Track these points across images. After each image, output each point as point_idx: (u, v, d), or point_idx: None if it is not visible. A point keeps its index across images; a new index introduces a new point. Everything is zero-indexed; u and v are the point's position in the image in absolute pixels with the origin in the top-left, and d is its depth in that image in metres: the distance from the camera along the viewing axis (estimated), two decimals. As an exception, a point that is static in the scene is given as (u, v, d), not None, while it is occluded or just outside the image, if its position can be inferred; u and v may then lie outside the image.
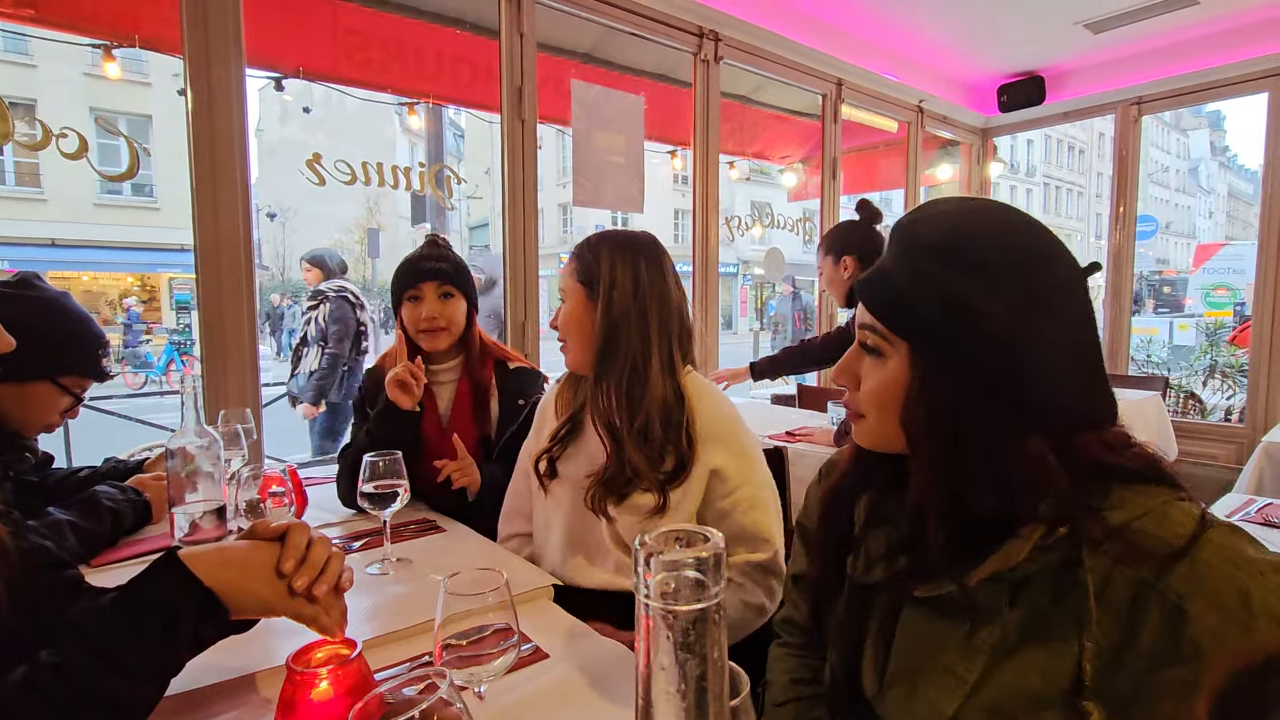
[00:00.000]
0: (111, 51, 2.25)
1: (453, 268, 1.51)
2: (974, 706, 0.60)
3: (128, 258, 15.76)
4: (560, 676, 0.82)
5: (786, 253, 7.69)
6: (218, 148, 1.82)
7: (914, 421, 0.63)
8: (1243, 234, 38.55)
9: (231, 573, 0.67)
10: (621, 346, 1.11)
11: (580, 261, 1.17)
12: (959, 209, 0.65)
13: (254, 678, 0.80)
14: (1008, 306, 0.58)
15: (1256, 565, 0.52)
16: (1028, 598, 0.59)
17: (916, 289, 0.62)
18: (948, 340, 0.60)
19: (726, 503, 1.12)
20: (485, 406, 1.53)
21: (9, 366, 0.84)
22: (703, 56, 3.02)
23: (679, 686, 0.25)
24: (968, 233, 0.62)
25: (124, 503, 1.22)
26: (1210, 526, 0.55)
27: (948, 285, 0.60)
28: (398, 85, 2.81)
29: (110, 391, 6.43)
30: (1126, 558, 0.54)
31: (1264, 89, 3.52)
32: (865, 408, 0.68)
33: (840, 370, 0.70)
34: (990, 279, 0.59)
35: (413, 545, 1.25)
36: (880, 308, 0.65)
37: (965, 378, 0.60)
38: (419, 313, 1.48)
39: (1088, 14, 3.39)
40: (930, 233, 0.63)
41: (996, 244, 0.60)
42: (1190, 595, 0.51)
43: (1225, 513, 1.55)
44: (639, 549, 0.26)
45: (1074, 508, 0.57)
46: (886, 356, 0.65)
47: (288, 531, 0.70)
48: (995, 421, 0.59)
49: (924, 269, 0.61)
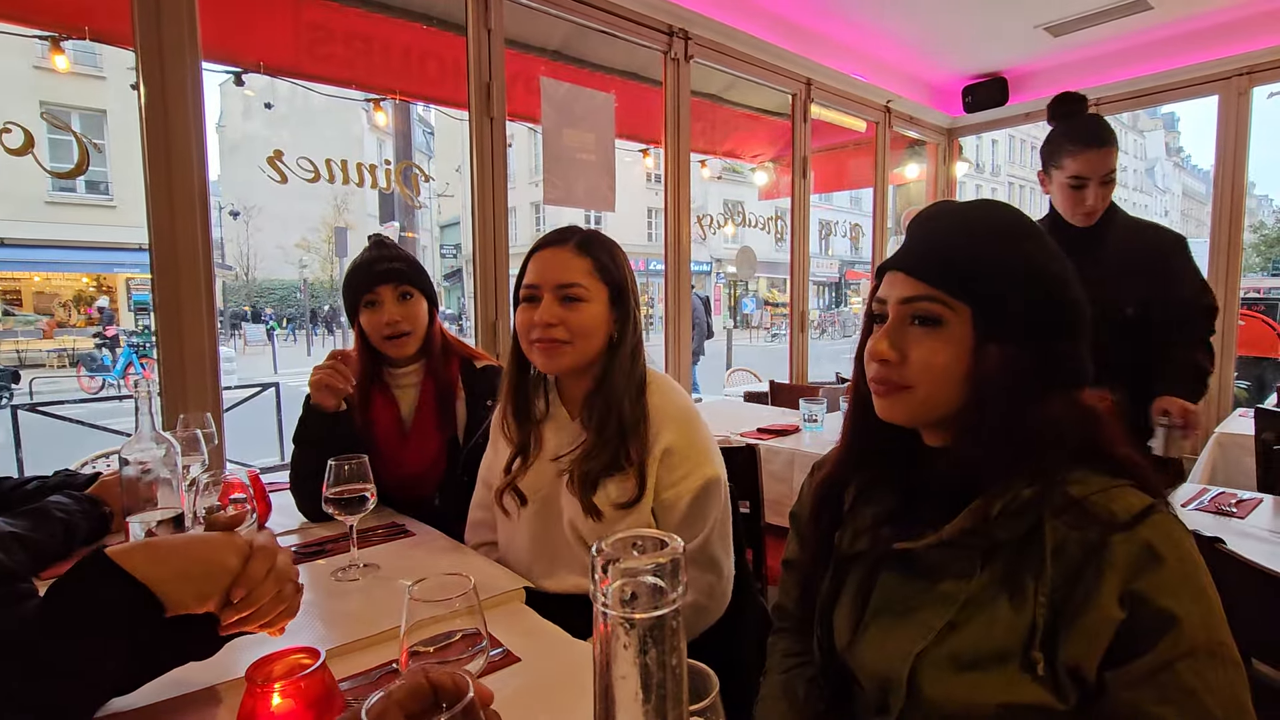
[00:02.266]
0: (60, 44, 2.16)
1: (408, 266, 1.45)
2: (940, 652, 0.66)
3: (83, 257, 15.22)
4: (532, 680, 0.81)
5: (758, 251, 7.76)
6: (173, 143, 1.77)
7: (984, 381, 0.67)
8: (1196, 232, 39.90)
9: (165, 568, 0.64)
10: (635, 355, 1.15)
11: (599, 261, 1.13)
12: (981, 202, 0.75)
13: (215, 690, 0.77)
14: (1062, 269, 0.69)
15: (1179, 535, 0.61)
16: (997, 562, 0.65)
17: (986, 256, 0.68)
18: (1021, 299, 0.66)
19: (670, 494, 1.11)
20: (451, 409, 1.49)
21: None
22: (673, 55, 3.02)
23: (637, 694, 0.24)
24: (1007, 213, 0.72)
25: (77, 513, 1.17)
26: (1158, 512, 0.62)
27: (1015, 251, 0.68)
28: (363, 81, 2.75)
29: (66, 396, 6.20)
30: (1080, 524, 0.62)
31: (1214, 92, 3.64)
32: (916, 378, 0.70)
33: (884, 346, 0.71)
34: (1039, 248, 0.69)
35: (381, 550, 1.23)
36: (944, 277, 0.69)
37: (1030, 333, 0.66)
38: (379, 318, 1.42)
39: (1047, 18, 3.48)
40: (978, 214, 0.72)
41: (1032, 224, 0.72)
42: (1119, 554, 0.59)
43: (1180, 502, 1.61)
44: (595, 555, 0.25)
45: (1048, 476, 0.64)
46: (945, 324, 0.68)
47: (251, 556, 0.68)
48: (1044, 379, 0.67)
49: (986, 240, 0.69)
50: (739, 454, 1.73)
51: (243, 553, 0.68)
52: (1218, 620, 0.58)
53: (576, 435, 1.15)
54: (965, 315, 0.67)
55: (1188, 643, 0.56)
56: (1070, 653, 0.60)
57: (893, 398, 0.72)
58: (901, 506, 0.75)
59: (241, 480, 1.11)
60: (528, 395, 1.21)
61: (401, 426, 1.48)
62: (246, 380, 7.15)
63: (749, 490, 1.76)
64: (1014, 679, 0.61)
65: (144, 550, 0.64)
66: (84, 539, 1.19)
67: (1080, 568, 0.60)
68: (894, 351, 0.70)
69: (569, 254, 1.12)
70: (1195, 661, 0.56)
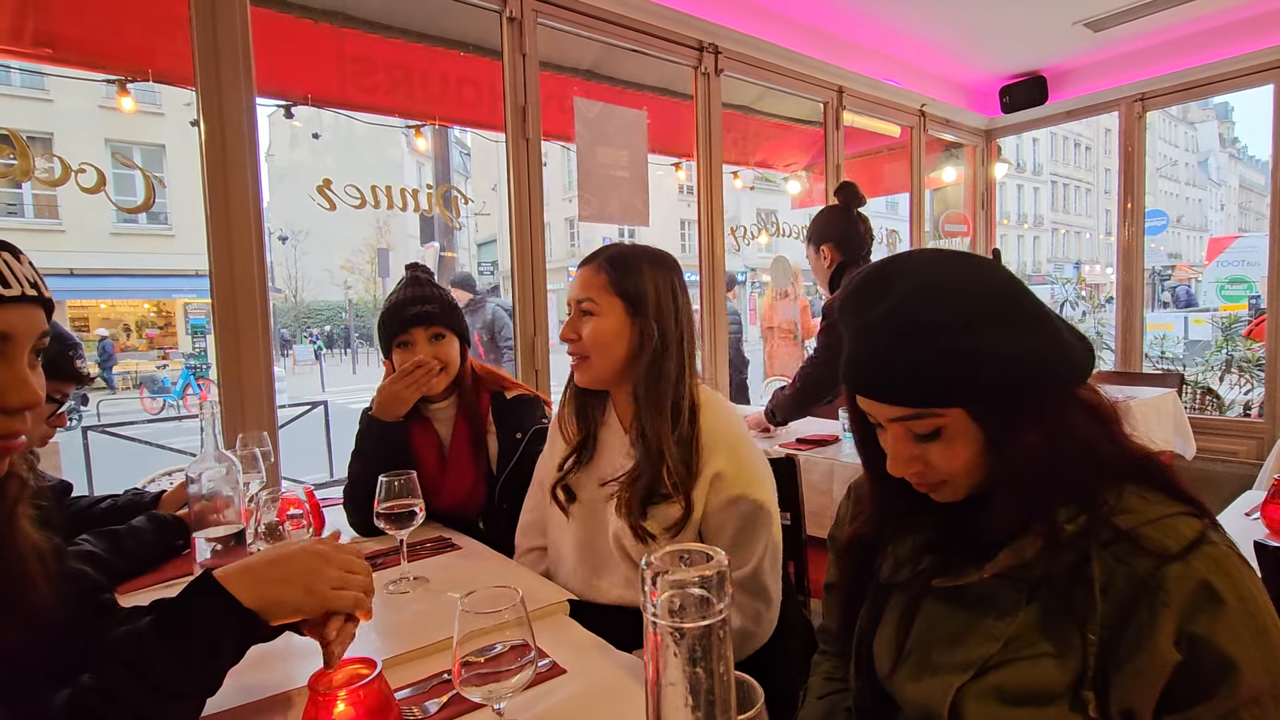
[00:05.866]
0: (126, 86, 2.31)
1: (440, 308, 1.47)
2: (983, 686, 0.64)
3: (144, 285, 16.03)
4: (578, 691, 0.83)
5: (792, 259, 7.70)
6: (230, 175, 1.86)
7: (1012, 460, 0.64)
8: (1256, 226, 38.06)
9: (268, 589, 0.69)
10: (668, 365, 1.13)
11: (618, 275, 1.15)
12: (924, 274, 0.67)
13: (276, 699, 0.81)
14: (1036, 340, 0.64)
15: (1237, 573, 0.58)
16: (1043, 597, 0.63)
17: (953, 364, 0.63)
18: (1007, 389, 0.63)
19: (719, 519, 1.11)
20: (483, 442, 1.51)
21: None
22: (703, 70, 3.05)
23: (687, 700, 0.26)
24: (958, 293, 0.65)
25: (149, 539, 1.23)
26: (1208, 542, 0.59)
27: (981, 347, 0.63)
28: (404, 108, 2.85)
29: (129, 417, 6.52)
30: (1129, 557, 0.59)
31: (1269, 81, 3.50)
32: (946, 475, 0.68)
33: (901, 465, 0.69)
34: (1007, 324, 0.64)
35: (429, 563, 1.27)
36: (920, 396, 0.65)
37: (1038, 408, 0.64)
38: (411, 359, 1.45)
39: (1087, 13, 3.39)
40: (925, 307, 0.65)
41: (988, 293, 0.65)
42: (1174, 593, 0.56)
43: (1245, 510, 1.53)
44: (645, 569, 0.27)
45: (1092, 501, 0.62)
46: (946, 429, 0.66)
47: (342, 563, 0.75)
48: (1071, 431, 0.64)
49: (946, 345, 0.63)
50: (780, 465, 1.72)
51: (334, 560, 0.74)
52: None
53: (628, 450, 1.17)
54: (960, 415, 0.65)
55: (1250, 689, 0.54)
56: (1124, 694, 0.58)
57: (940, 491, 0.70)
58: (943, 535, 0.73)
59: (298, 496, 1.16)
60: (586, 400, 1.25)
61: (442, 457, 1.51)
62: (296, 399, 7.41)
63: (790, 502, 1.74)
64: (1064, 718, 0.59)
65: (247, 574, 0.70)
66: (156, 560, 1.25)
67: (1132, 605, 0.58)
68: (916, 464, 0.68)
69: (591, 271, 1.17)
70: (1260, 709, 0.54)
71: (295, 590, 0.70)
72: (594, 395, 1.25)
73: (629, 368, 1.15)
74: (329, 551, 0.74)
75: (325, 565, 0.73)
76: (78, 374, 1.27)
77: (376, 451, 1.40)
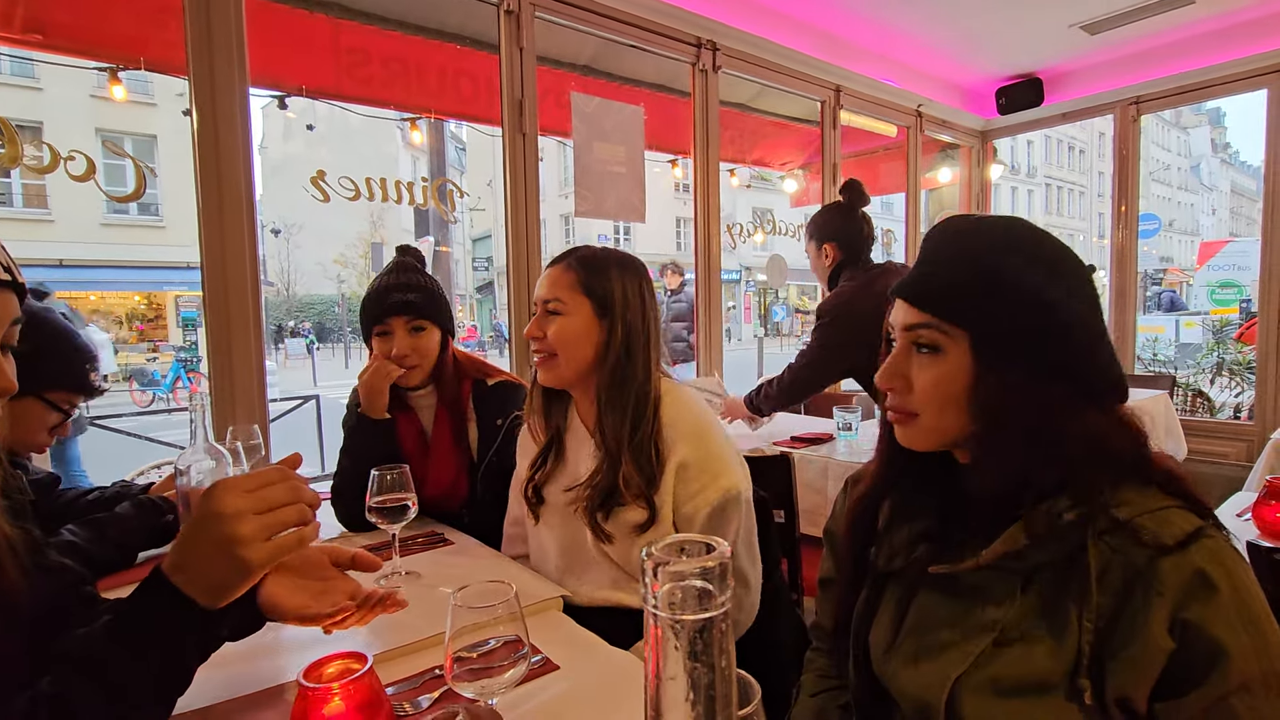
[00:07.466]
0: (117, 74, 2.28)
1: (421, 298, 1.43)
2: (980, 676, 0.64)
3: (134, 276, 15.88)
4: (571, 688, 0.82)
5: (789, 258, 7.71)
6: (223, 166, 1.84)
7: (989, 406, 0.66)
8: (1247, 230, 38.38)
9: (197, 578, 0.61)
10: (632, 368, 1.13)
11: (586, 275, 1.15)
12: (991, 219, 0.72)
13: (270, 692, 0.80)
14: (1068, 293, 0.66)
15: (1232, 563, 0.58)
16: (1038, 586, 0.64)
17: (984, 281, 0.66)
18: (1017, 324, 0.65)
19: (688, 508, 1.10)
20: (464, 430, 1.50)
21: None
22: (701, 66, 3.04)
23: (688, 695, 0.25)
24: (1018, 234, 0.69)
25: (133, 524, 1.21)
26: (1206, 535, 0.59)
27: (1015, 276, 0.65)
28: (399, 101, 2.83)
29: (118, 410, 6.46)
30: (1126, 547, 0.60)
31: (1262, 85, 3.52)
32: (920, 406, 0.69)
33: (888, 375, 0.71)
34: (1046, 270, 0.66)
35: (421, 558, 1.26)
36: (941, 304, 0.68)
37: (1032, 358, 0.65)
38: (388, 349, 1.43)
39: (1083, 16, 3.40)
40: (983, 235, 0.69)
41: (1042, 243, 0.68)
42: (1168, 582, 0.57)
43: (1235, 511, 1.54)
44: (646, 560, 0.26)
45: (1091, 495, 0.62)
46: (944, 351, 0.67)
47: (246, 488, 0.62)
48: (1060, 399, 0.64)
49: (989, 264, 0.66)
50: (774, 464, 1.72)
51: (240, 509, 0.60)
52: (1275, 650, 0.56)
53: (593, 453, 1.16)
54: (963, 341, 0.66)
55: (1241, 676, 0.54)
56: (1119, 682, 0.58)
57: (905, 425, 0.71)
58: (939, 525, 0.73)
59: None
60: (549, 401, 1.24)
61: (425, 445, 1.50)
62: (288, 393, 7.36)
63: (784, 500, 1.74)
64: (1060, 707, 0.60)
65: (175, 554, 0.61)
66: (142, 545, 1.24)
67: (1128, 593, 0.58)
68: (899, 380, 0.70)
69: (559, 270, 1.17)
70: (1250, 696, 0.54)
71: (222, 568, 0.59)
72: (557, 397, 1.24)
73: (594, 369, 1.15)
74: (229, 501, 0.60)
75: (235, 524, 0.59)
76: (90, 387, 1.24)
77: (364, 447, 1.40)
